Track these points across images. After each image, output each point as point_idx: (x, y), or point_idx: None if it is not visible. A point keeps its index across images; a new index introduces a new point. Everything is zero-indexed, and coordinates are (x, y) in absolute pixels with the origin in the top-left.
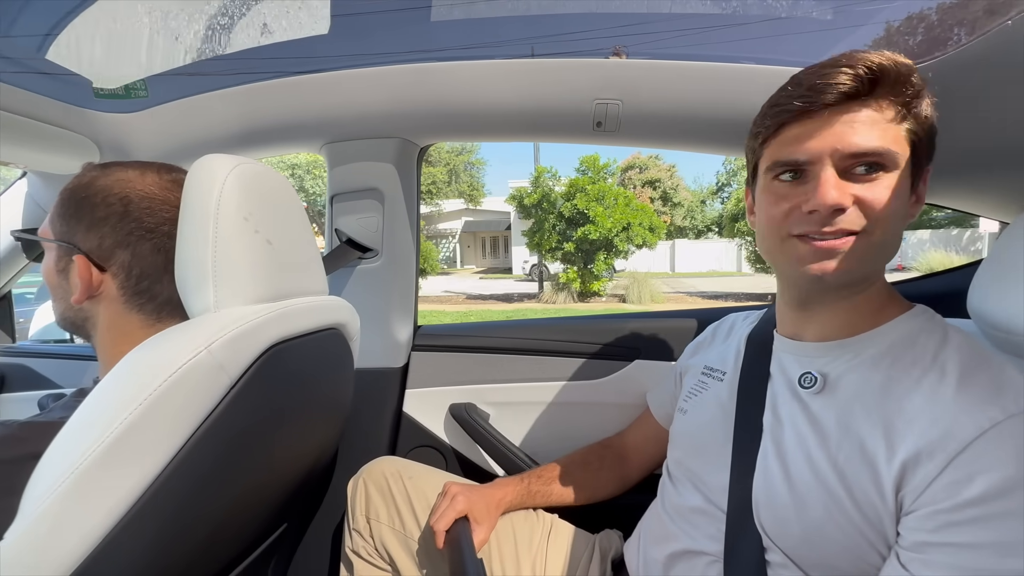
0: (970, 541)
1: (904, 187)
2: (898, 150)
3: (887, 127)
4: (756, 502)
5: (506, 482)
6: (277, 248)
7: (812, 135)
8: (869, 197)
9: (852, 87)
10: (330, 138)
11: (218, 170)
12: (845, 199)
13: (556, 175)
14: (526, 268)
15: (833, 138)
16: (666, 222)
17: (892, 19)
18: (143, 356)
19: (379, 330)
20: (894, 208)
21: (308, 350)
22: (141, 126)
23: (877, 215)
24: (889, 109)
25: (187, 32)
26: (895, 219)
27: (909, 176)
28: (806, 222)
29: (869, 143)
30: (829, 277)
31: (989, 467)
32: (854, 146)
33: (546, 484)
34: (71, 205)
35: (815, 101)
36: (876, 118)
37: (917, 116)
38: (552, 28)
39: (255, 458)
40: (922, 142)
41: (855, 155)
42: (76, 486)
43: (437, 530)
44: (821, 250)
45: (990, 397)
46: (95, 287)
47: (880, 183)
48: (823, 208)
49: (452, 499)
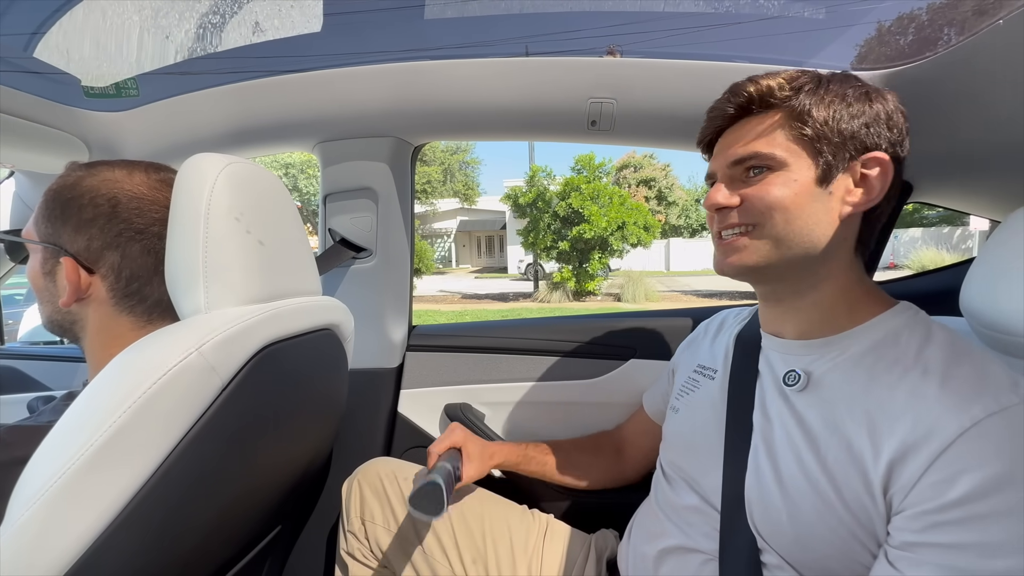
0: (955, 541)
1: (801, 181)
2: (779, 151)
3: (767, 134)
4: (749, 502)
5: (503, 443)
6: (269, 248)
7: (718, 151)
8: (751, 194)
9: (735, 110)
10: (323, 137)
11: (208, 169)
12: (728, 199)
13: (551, 174)
14: (521, 267)
15: (725, 151)
16: (661, 221)
17: (883, 19)
18: (132, 358)
19: (373, 330)
20: (782, 202)
21: (301, 351)
22: (131, 125)
23: (761, 209)
24: (768, 119)
25: (178, 30)
26: (787, 212)
27: (812, 170)
28: (714, 222)
29: (745, 150)
30: (729, 270)
31: (971, 466)
32: (733, 154)
33: (542, 454)
34: (56, 206)
35: (717, 125)
36: (757, 129)
37: (800, 119)
38: (546, 27)
39: (248, 461)
40: (822, 138)
41: (736, 161)
42: (64, 491)
43: (431, 452)
44: (722, 247)
45: (972, 395)
46: (83, 289)
47: (766, 182)
48: (709, 208)
49: (451, 431)
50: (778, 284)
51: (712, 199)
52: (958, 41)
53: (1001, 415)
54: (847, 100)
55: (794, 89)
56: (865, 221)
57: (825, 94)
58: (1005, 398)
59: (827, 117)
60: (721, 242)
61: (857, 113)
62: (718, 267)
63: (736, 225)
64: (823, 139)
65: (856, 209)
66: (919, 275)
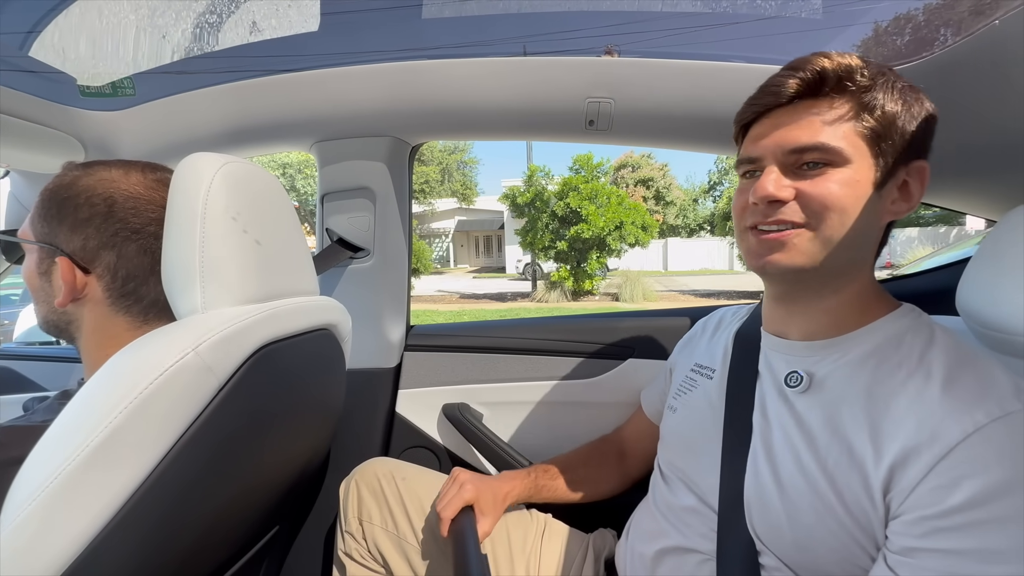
0: (956, 547)
1: (862, 182)
2: (845, 146)
3: (835, 124)
4: (748, 504)
5: (513, 475)
6: (266, 248)
7: (765, 134)
8: (810, 191)
9: (798, 89)
10: (320, 136)
11: (204, 169)
12: (782, 192)
13: (549, 174)
14: (519, 267)
15: (779, 136)
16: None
17: (880, 19)
18: (128, 359)
19: (371, 330)
20: (841, 203)
21: (299, 351)
22: (127, 125)
23: (818, 209)
24: (838, 107)
25: (174, 30)
26: (845, 214)
27: (872, 171)
28: (752, 214)
29: (810, 139)
30: (771, 268)
31: (973, 472)
32: (794, 142)
33: (552, 479)
34: (52, 206)
35: (769, 103)
36: (823, 116)
37: (871, 112)
38: (544, 27)
39: (245, 461)
40: (886, 137)
41: (796, 150)
42: (59, 492)
43: (443, 517)
44: (765, 242)
45: (975, 400)
46: (79, 289)
47: (826, 178)
48: (760, 200)
49: (460, 487)
50: (806, 285)
51: (763, 189)
52: (954, 42)
53: (1004, 421)
54: (908, 99)
55: (872, 77)
56: (889, 226)
57: (892, 88)
58: (1008, 404)
59: (896, 114)
60: (761, 236)
61: (917, 115)
62: (756, 263)
63: (785, 221)
64: (887, 139)
65: (896, 217)
66: (916, 275)
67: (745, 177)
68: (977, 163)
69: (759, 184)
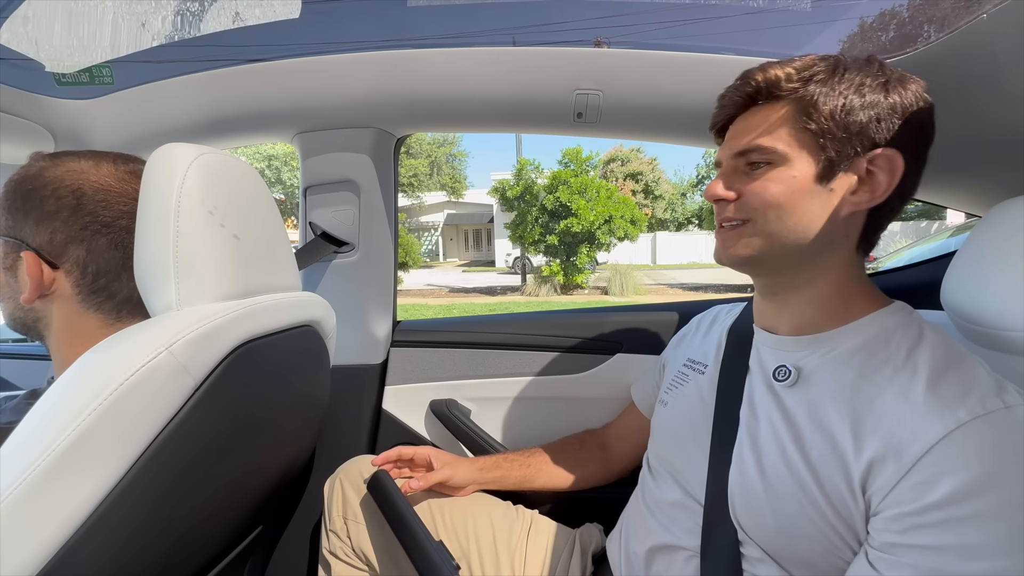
0: (935, 544)
1: (800, 178)
2: (781, 146)
3: (773, 127)
4: (731, 494)
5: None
6: (245, 243)
7: (726, 140)
8: (748, 189)
9: (744, 100)
10: (302, 127)
11: (179, 160)
12: (725, 192)
13: (539, 167)
14: (509, 261)
15: (731, 142)
16: (647, 215)
17: (865, 15)
18: (98, 358)
19: (356, 326)
20: (777, 199)
21: (280, 349)
22: (100, 114)
23: (757, 205)
24: (776, 111)
25: (153, 16)
26: (781, 209)
27: (813, 166)
28: (716, 212)
29: (748, 143)
30: (726, 260)
31: (953, 468)
32: (737, 145)
33: (524, 457)
34: (17, 198)
35: (727, 114)
36: (764, 120)
37: (807, 112)
38: (533, 17)
39: (225, 463)
40: (827, 133)
41: (739, 153)
42: (26, 497)
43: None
44: (721, 236)
45: (958, 398)
46: (47, 285)
47: (766, 177)
48: (709, 199)
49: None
50: (775, 278)
51: (711, 191)
52: (938, 38)
53: (985, 419)
54: (861, 91)
55: (803, 79)
56: (872, 217)
57: (837, 83)
58: (990, 402)
59: (834, 110)
60: (721, 232)
61: (870, 104)
62: (717, 256)
63: (731, 219)
64: (827, 134)
65: (858, 208)
66: (900, 269)
67: None
68: (961, 158)
69: (709, 186)
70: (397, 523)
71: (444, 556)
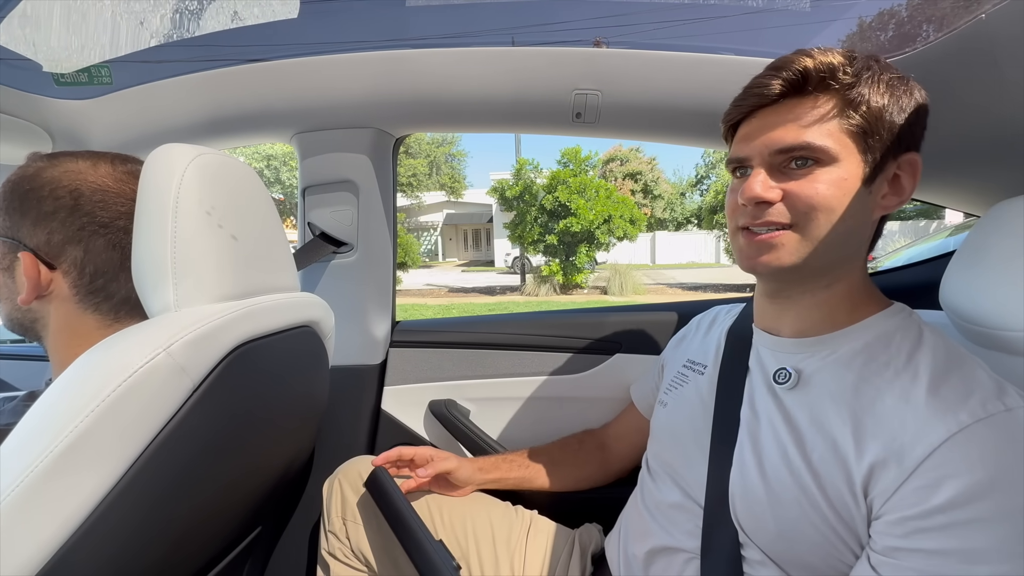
0: (938, 548)
1: (850, 180)
2: (831, 144)
3: (820, 123)
4: (732, 496)
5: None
6: (243, 243)
7: (752, 135)
8: (796, 191)
9: (782, 89)
10: (301, 127)
11: (176, 160)
12: (769, 193)
13: (538, 167)
14: (508, 261)
15: (766, 136)
16: (647, 214)
17: (864, 15)
18: (96, 359)
19: (355, 326)
20: (829, 202)
21: (279, 350)
22: (98, 114)
23: (805, 209)
24: (823, 105)
25: (152, 16)
26: (832, 213)
27: (861, 168)
28: (743, 214)
29: (795, 139)
30: (762, 269)
31: (956, 472)
32: (780, 142)
33: (523, 457)
34: (15, 198)
35: (754, 104)
36: (808, 115)
37: (857, 108)
38: (531, 17)
39: (224, 464)
40: (874, 133)
41: (781, 151)
42: (24, 498)
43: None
44: (755, 244)
45: (959, 401)
46: (44, 286)
47: (813, 177)
48: (748, 201)
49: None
50: (800, 285)
51: (751, 191)
52: (936, 37)
53: (987, 422)
54: (896, 91)
55: (856, 73)
56: (882, 220)
57: (877, 82)
58: (991, 405)
59: (881, 109)
60: (753, 237)
61: (906, 106)
62: (748, 264)
63: (773, 223)
64: (874, 134)
65: (887, 211)
66: (899, 269)
67: (736, 176)
68: (960, 158)
69: (747, 186)
70: (396, 522)
71: (444, 556)
